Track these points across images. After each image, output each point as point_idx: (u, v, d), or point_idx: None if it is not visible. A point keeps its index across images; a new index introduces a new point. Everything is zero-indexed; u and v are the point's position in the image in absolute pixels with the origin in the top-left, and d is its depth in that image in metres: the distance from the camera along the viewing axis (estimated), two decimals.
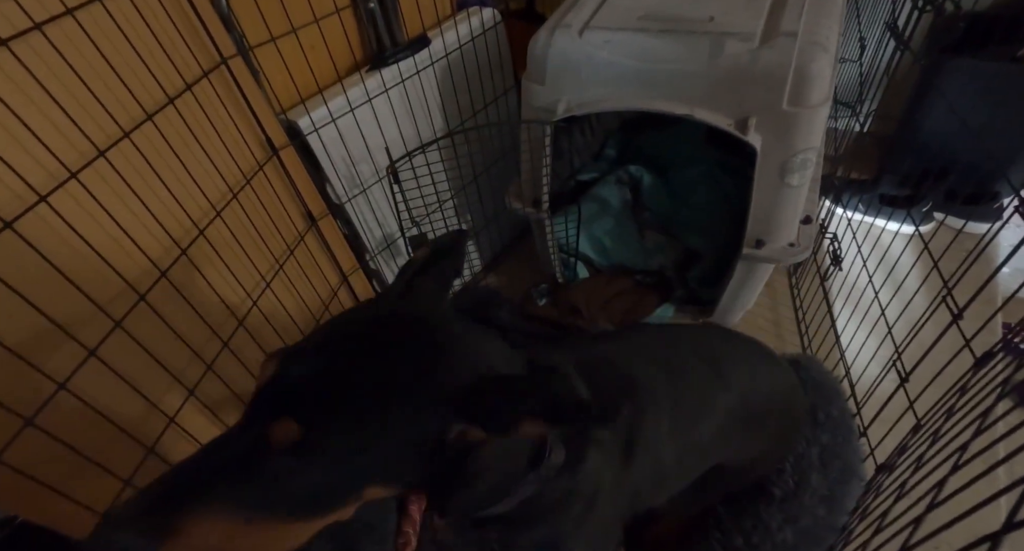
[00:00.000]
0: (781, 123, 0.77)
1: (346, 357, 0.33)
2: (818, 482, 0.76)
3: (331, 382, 0.32)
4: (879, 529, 0.46)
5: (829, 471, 0.79)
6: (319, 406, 0.31)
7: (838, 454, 0.80)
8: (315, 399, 0.31)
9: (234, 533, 0.30)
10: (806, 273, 1.18)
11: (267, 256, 0.85)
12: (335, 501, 0.33)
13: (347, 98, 0.91)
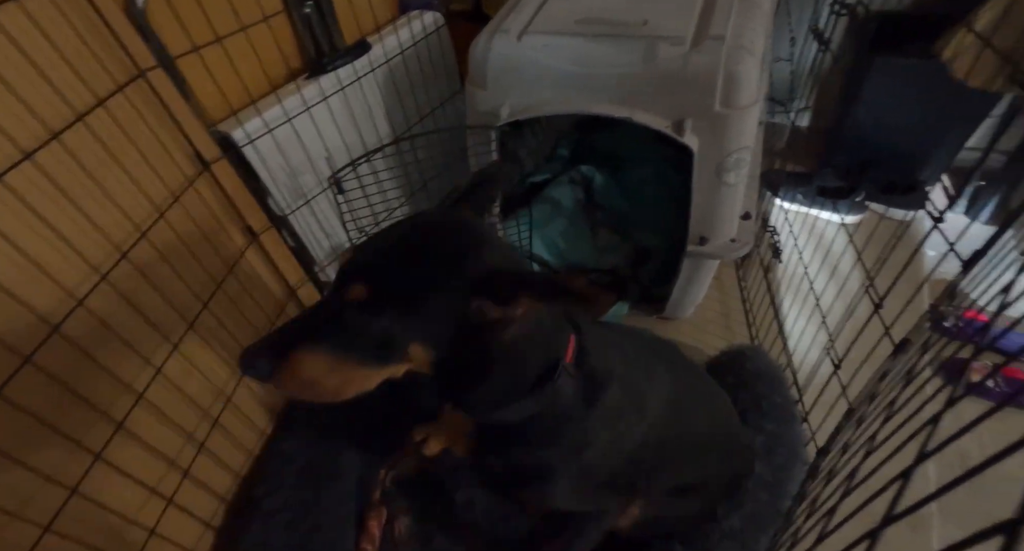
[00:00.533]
0: (715, 124, 0.79)
1: (399, 243, 0.46)
2: (762, 469, 0.79)
3: (388, 259, 0.45)
4: (810, 513, 0.48)
5: (773, 458, 0.82)
6: (379, 273, 0.44)
7: (782, 441, 0.84)
8: (376, 269, 0.44)
9: (324, 369, 0.43)
10: (751, 266, 1.22)
11: (203, 275, 0.82)
12: (390, 353, 0.45)
13: (283, 108, 0.89)
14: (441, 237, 0.47)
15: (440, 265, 0.45)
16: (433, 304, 0.44)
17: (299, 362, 0.43)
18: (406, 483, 0.99)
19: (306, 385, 0.44)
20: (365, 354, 0.45)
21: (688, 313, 1.18)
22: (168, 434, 0.76)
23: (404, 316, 0.44)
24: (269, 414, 1.00)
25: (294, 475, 0.90)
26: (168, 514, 0.74)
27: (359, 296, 0.43)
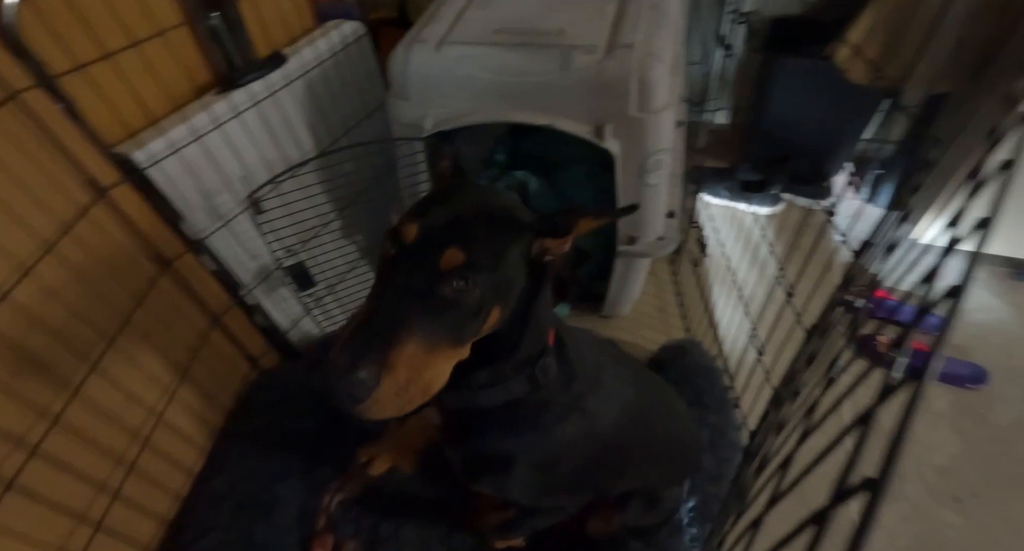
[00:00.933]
0: (632, 128, 0.82)
1: (463, 206, 0.43)
2: (708, 462, 0.82)
3: (466, 222, 0.41)
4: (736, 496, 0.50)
5: (718, 450, 0.85)
6: (470, 235, 0.41)
7: (724, 433, 0.87)
8: (463, 232, 0.41)
9: (422, 362, 0.38)
10: (682, 261, 1.27)
11: (107, 312, 0.75)
12: (476, 323, 0.42)
13: (191, 125, 0.84)
14: (491, 194, 0.46)
15: (504, 217, 0.43)
16: (511, 255, 0.43)
17: (402, 366, 0.37)
18: (352, 506, 0.96)
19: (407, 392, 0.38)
20: (457, 332, 0.40)
21: (626, 310, 1.21)
22: (74, 485, 0.69)
23: (493, 277, 0.41)
24: (197, 451, 0.93)
25: (227, 514, 0.85)
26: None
27: (456, 260, 0.39)
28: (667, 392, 0.75)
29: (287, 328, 1.15)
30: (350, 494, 0.99)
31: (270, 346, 1.12)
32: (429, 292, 0.39)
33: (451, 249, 0.39)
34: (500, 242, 0.42)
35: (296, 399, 1.03)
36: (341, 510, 0.96)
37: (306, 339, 1.20)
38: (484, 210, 0.43)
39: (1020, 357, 1.12)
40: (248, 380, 1.07)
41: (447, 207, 0.42)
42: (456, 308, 0.39)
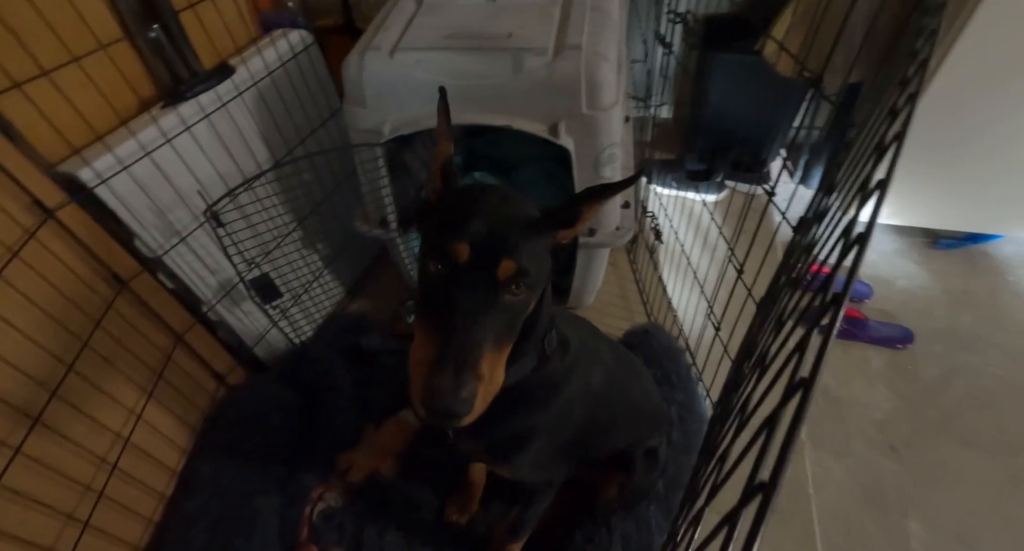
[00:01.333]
0: (584, 125, 0.86)
1: (496, 216, 0.45)
2: (678, 436, 0.87)
3: (506, 231, 0.44)
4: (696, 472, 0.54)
5: (687, 425, 0.91)
6: (514, 244, 0.44)
7: (692, 408, 0.93)
8: (508, 242, 0.44)
9: (496, 362, 0.44)
10: (639, 249, 1.33)
11: (64, 336, 0.73)
12: (524, 317, 0.47)
13: (138, 141, 0.82)
14: (510, 197, 0.48)
15: (530, 217, 0.47)
16: (543, 256, 0.47)
17: (486, 372, 0.42)
18: (335, 514, 0.96)
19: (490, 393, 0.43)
20: (513, 330, 0.46)
21: (591, 301, 1.26)
22: (39, 518, 0.67)
23: (537, 276, 0.45)
24: (167, 474, 0.91)
25: (203, 535, 0.83)
26: None
27: (511, 271, 0.43)
28: (632, 358, 0.83)
29: (253, 342, 1.13)
30: (332, 502, 0.99)
31: (236, 362, 1.10)
32: (492, 302, 0.44)
33: (505, 261, 0.43)
34: (535, 244, 0.46)
35: (267, 413, 1.02)
36: (323, 519, 0.96)
37: (273, 352, 1.18)
38: (513, 215, 0.46)
39: (940, 318, 1.25)
40: (216, 398, 1.04)
41: (482, 219, 0.45)
42: (513, 310, 0.45)
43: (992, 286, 1.30)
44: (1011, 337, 1.20)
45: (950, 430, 1.08)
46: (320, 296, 1.23)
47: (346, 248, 1.29)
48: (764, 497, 0.20)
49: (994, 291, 1.29)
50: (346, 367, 1.14)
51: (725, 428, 0.46)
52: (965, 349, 1.18)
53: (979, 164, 1.19)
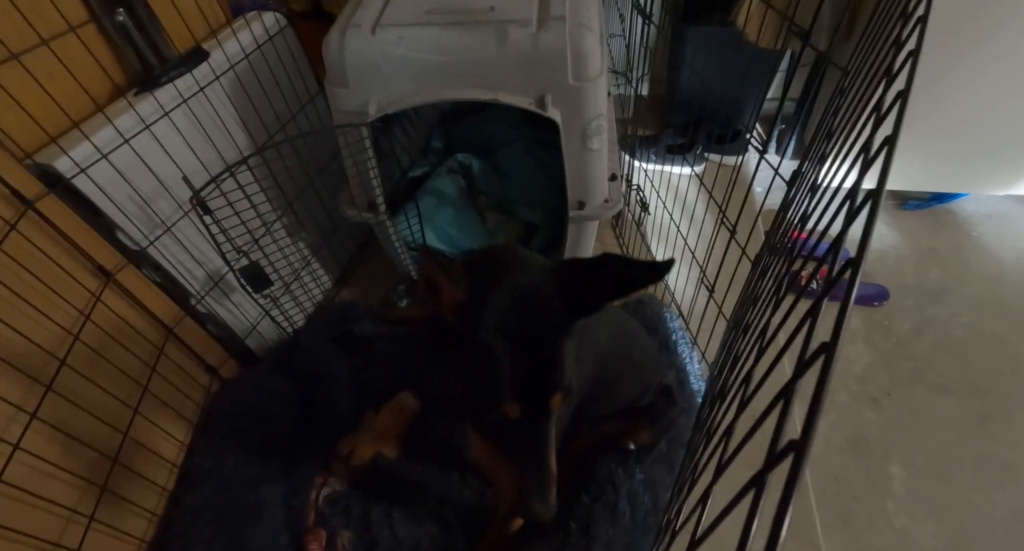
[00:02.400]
0: (571, 96, 0.87)
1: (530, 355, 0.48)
2: (679, 398, 0.90)
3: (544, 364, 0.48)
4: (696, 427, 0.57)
5: (686, 387, 0.94)
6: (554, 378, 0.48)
7: (687, 371, 0.96)
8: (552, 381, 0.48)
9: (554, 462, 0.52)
10: (625, 222, 1.35)
11: (53, 328, 0.71)
12: None
13: (116, 128, 0.79)
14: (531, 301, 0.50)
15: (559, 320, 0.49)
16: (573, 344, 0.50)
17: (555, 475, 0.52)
18: (340, 498, 0.96)
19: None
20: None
21: None
22: (42, 515, 0.65)
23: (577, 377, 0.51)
24: (166, 469, 0.89)
25: (209, 527, 0.83)
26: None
27: (560, 403, 0.49)
28: (627, 317, 0.87)
29: (244, 334, 1.11)
30: (336, 487, 0.99)
31: (228, 355, 1.08)
32: (548, 423, 0.50)
33: (554, 400, 0.48)
34: (568, 356, 0.49)
35: (263, 405, 1.01)
36: (329, 503, 0.96)
37: (264, 344, 1.16)
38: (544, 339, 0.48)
39: (910, 274, 1.31)
40: (211, 391, 1.03)
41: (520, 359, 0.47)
42: (565, 410, 0.53)
43: (957, 242, 1.37)
44: (976, 288, 1.27)
45: (924, 379, 1.14)
46: (309, 284, 1.21)
47: (333, 235, 1.27)
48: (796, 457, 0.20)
49: (959, 247, 1.36)
50: (341, 354, 1.13)
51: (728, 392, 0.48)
52: (935, 302, 1.25)
53: (945, 126, 1.24)
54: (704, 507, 0.31)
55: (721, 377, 0.63)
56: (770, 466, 0.22)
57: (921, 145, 1.28)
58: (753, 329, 0.49)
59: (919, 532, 0.95)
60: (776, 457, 0.22)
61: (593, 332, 0.67)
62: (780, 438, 0.22)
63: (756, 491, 0.22)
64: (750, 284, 0.65)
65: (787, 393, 0.25)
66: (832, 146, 0.55)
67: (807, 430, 0.20)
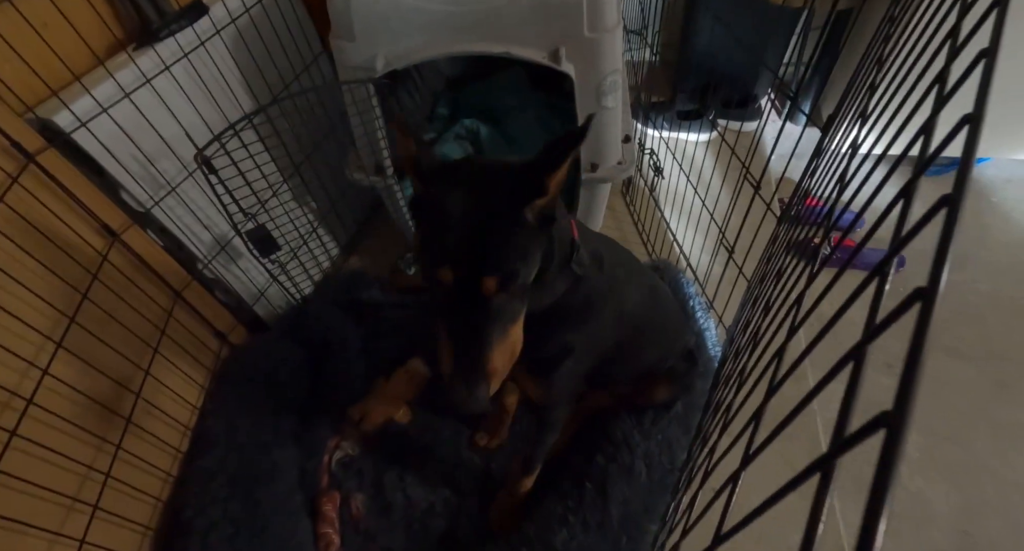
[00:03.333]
0: (586, 49, 0.84)
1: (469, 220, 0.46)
2: (702, 363, 0.89)
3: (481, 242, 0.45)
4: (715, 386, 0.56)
5: (703, 352, 0.93)
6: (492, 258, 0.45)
7: (705, 337, 0.95)
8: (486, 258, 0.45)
9: (506, 345, 0.49)
10: (636, 189, 1.32)
11: (61, 287, 0.69)
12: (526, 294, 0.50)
13: (115, 84, 0.76)
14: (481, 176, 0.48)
15: (504, 208, 0.46)
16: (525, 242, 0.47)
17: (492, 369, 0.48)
18: (353, 461, 0.96)
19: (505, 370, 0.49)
20: (517, 312, 0.50)
21: None
22: (58, 472, 0.65)
23: (524, 268, 0.48)
24: (179, 432, 0.89)
25: (224, 488, 0.83)
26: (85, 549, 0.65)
27: (493, 286, 0.46)
28: (659, 282, 0.84)
29: (252, 301, 1.10)
30: (349, 451, 0.99)
31: (237, 321, 1.07)
32: (486, 311, 0.47)
33: (486, 280, 0.46)
34: (513, 241, 0.46)
35: (274, 370, 1.00)
36: (342, 467, 0.97)
37: (272, 312, 1.15)
38: (488, 210, 0.46)
39: (929, 240, 1.28)
40: (221, 356, 1.02)
41: (456, 232, 0.46)
42: (510, 304, 0.48)
43: (977, 207, 1.34)
44: (994, 254, 1.25)
45: (940, 344, 1.13)
46: (317, 251, 1.20)
47: (340, 201, 1.25)
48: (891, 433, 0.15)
49: (979, 212, 1.33)
50: (350, 322, 1.12)
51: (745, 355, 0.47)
52: (953, 268, 1.21)
53: (969, 89, 1.20)
54: (735, 488, 0.28)
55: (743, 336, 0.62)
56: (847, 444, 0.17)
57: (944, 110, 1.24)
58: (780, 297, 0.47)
59: (934, 495, 0.95)
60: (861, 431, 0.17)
61: (619, 294, 0.65)
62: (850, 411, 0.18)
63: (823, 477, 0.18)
64: (776, 239, 0.63)
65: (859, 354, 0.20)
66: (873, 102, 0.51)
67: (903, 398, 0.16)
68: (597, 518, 0.76)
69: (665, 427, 0.83)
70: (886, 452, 0.15)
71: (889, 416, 0.16)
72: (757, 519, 0.23)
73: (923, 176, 0.25)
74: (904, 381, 0.17)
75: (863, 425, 0.17)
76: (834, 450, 0.18)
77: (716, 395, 0.74)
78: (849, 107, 0.65)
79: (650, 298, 0.72)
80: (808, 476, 0.19)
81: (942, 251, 0.18)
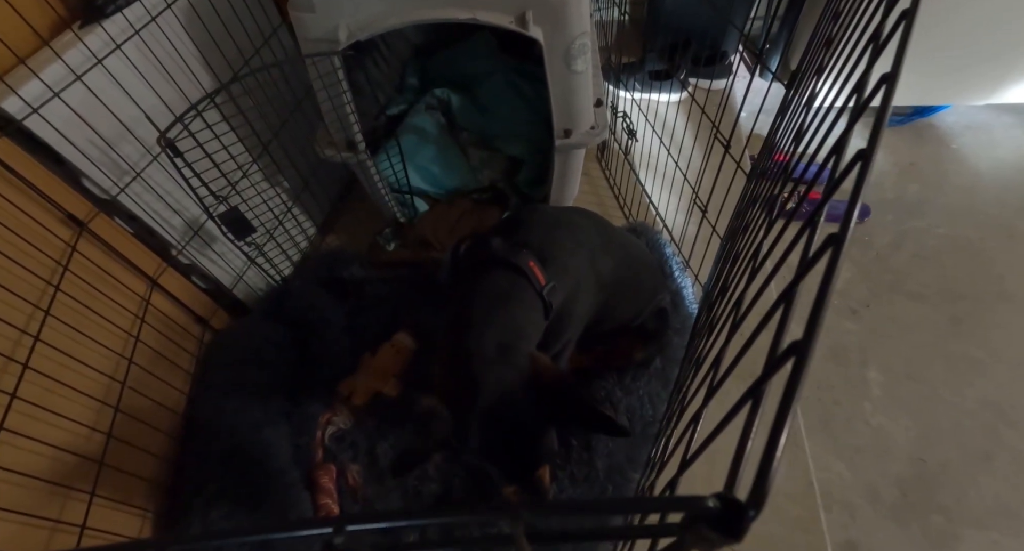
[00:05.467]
0: (554, 12, 0.82)
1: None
2: (674, 320, 0.92)
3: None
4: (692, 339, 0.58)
5: (680, 309, 0.96)
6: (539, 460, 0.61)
7: (681, 294, 0.98)
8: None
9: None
10: (611, 153, 1.33)
11: (32, 280, 0.68)
12: None
13: (66, 64, 0.73)
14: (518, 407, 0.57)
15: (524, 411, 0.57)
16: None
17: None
18: (346, 435, 0.99)
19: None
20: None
21: None
22: (49, 462, 0.66)
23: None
24: (168, 417, 0.90)
25: (219, 467, 0.85)
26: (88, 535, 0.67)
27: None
28: (632, 239, 0.89)
29: (231, 285, 1.09)
30: (341, 425, 1.01)
31: (218, 306, 1.07)
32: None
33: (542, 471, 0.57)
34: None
35: (259, 351, 1.01)
36: (335, 440, 0.99)
37: (253, 295, 1.15)
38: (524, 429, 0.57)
39: (890, 189, 1.33)
40: (204, 342, 1.02)
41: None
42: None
43: (937, 155, 1.39)
44: (952, 199, 1.30)
45: (901, 289, 1.19)
46: (293, 231, 1.19)
47: (313, 179, 1.23)
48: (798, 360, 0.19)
49: (938, 159, 1.38)
50: (332, 299, 1.13)
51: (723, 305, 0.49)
52: (913, 215, 1.28)
53: (925, 36, 1.22)
54: (697, 424, 0.32)
55: (716, 290, 0.64)
56: (770, 371, 0.21)
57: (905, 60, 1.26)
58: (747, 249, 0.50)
59: (894, 428, 1.02)
60: (777, 361, 0.21)
61: (599, 263, 0.68)
62: (780, 343, 0.21)
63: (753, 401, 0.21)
64: (746, 195, 0.66)
65: (788, 296, 0.23)
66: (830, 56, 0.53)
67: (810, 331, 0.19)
68: (583, 471, 0.80)
69: (645, 383, 0.87)
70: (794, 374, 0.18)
71: (799, 345, 0.19)
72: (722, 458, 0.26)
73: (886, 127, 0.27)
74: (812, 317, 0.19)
75: (779, 354, 0.20)
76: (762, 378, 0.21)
77: (692, 347, 0.78)
78: (811, 62, 0.66)
79: (626, 260, 0.75)
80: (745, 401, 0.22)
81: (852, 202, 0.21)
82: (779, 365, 0.21)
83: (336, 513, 0.90)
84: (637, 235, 1.06)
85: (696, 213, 0.93)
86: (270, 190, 1.11)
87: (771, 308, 0.25)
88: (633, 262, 0.78)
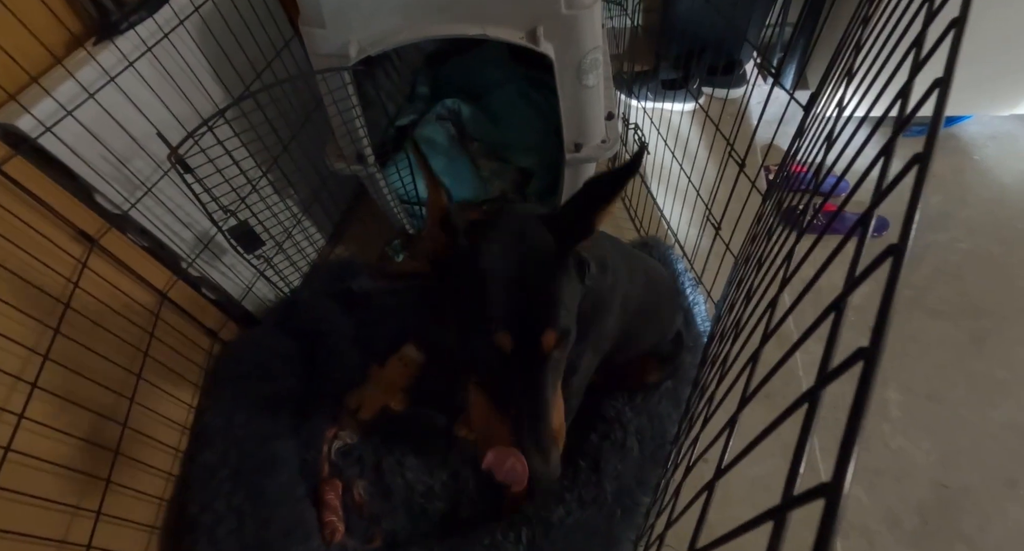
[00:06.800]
0: (565, 27, 0.81)
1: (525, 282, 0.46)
2: (686, 337, 0.91)
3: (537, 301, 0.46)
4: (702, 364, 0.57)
5: (692, 327, 0.94)
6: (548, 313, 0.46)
7: (693, 312, 0.96)
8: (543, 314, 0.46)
9: (560, 416, 0.49)
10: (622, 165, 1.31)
11: (43, 299, 0.69)
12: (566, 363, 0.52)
13: (78, 82, 0.73)
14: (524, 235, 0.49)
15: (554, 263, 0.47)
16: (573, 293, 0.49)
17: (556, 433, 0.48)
18: (352, 450, 0.98)
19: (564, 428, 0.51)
20: (557, 378, 0.50)
21: None
22: (57, 481, 0.66)
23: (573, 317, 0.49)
24: (177, 431, 0.90)
25: (228, 482, 0.84)
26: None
27: (553, 341, 0.46)
28: (656, 264, 0.87)
29: (240, 296, 1.09)
30: (347, 439, 1.01)
31: (227, 317, 1.07)
32: (543, 372, 0.47)
33: (546, 336, 0.46)
34: (564, 294, 0.47)
35: (266, 365, 1.01)
36: (342, 455, 0.98)
37: (262, 305, 1.15)
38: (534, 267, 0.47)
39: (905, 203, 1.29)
40: (213, 354, 1.02)
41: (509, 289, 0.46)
42: (562, 358, 0.49)
43: (959, 166, 1.35)
44: (975, 212, 1.27)
45: (922, 305, 1.15)
46: (303, 242, 1.19)
47: (322, 191, 1.23)
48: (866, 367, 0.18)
49: (960, 171, 1.34)
50: (341, 311, 1.12)
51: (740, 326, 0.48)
52: (935, 229, 1.24)
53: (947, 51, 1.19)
54: (732, 429, 0.31)
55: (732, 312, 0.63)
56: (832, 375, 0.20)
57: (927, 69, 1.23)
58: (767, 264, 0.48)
59: (914, 451, 0.99)
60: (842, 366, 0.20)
61: (623, 286, 0.66)
62: (832, 352, 0.21)
63: (810, 404, 0.21)
64: (761, 218, 0.64)
65: (839, 306, 0.23)
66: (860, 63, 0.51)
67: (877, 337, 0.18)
68: (592, 493, 0.78)
69: (656, 403, 0.85)
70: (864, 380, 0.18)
71: (866, 351, 0.18)
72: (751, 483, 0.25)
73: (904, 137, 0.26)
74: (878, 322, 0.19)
75: (844, 360, 0.20)
76: (820, 382, 0.21)
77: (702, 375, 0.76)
78: (838, 67, 0.64)
79: (646, 285, 0.73)
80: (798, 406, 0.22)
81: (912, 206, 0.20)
82: (843, 369, 0.20)
83: (341, 530, 0.89)
84: (648, 250, 1.04)
85: (709, 228, 0.92)
86: (280, 202, 1.12)
87: (819, 317, 0.25)
88: (654, 289, 0.76)
